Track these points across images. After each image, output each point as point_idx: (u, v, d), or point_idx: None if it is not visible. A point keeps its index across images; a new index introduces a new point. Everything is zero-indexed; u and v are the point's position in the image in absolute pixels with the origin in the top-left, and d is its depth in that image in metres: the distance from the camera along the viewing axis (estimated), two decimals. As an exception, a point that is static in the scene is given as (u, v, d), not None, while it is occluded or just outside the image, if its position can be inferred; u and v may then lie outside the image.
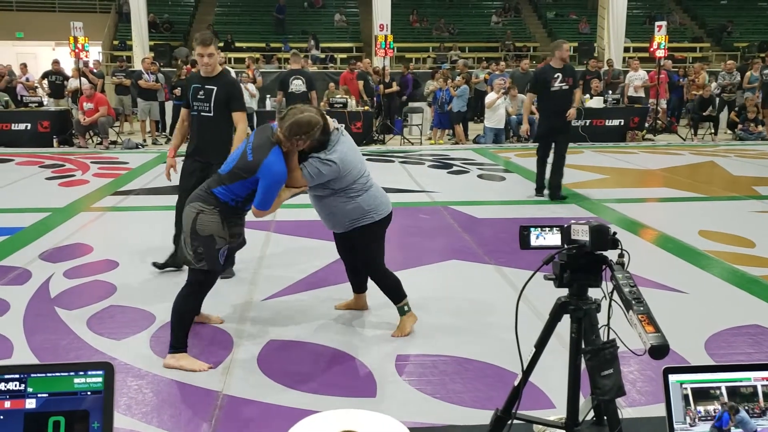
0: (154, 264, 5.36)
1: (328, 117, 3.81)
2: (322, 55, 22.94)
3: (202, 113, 4.99)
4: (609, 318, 1.99)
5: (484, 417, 2.97)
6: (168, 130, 14.45)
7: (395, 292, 4.14)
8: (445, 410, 3.23)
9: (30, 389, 1.39)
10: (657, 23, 15.73)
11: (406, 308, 4.13)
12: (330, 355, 3.85)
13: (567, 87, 8.07)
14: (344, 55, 23.07)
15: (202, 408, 3.24)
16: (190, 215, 3.65)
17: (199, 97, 4.98)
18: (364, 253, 4.13)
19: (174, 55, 21.21)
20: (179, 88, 13.40)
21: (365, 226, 3.95)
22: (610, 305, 1.94)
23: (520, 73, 15.32)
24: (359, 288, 4.47)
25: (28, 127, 13.20)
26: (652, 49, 15.40)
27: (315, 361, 3.79)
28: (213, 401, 3.30)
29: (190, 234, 3.64)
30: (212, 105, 4.96)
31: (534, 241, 2.03)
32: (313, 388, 3.43)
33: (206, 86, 4.97)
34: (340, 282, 4.85)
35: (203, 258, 3.63)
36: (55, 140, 13.21)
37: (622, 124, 14.26)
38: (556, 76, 8.03)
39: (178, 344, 3.71)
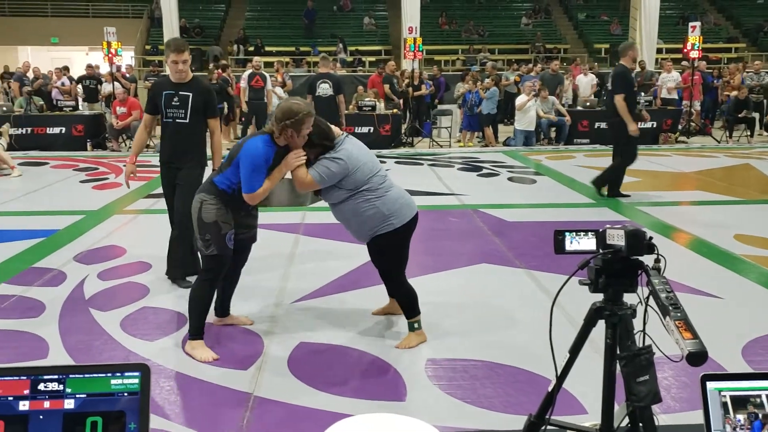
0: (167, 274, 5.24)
1: (331, 126, 3.95)
2: (350, 59, 23.01)
3: (177, 120, 4.94)
4: (645, 323, 1.96)
5: (515, 422, 2.96)
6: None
7: (410, 307, 4.02)
8: (476, 415, 3.21)
9: (68, 390, 1.40)
10: (691, 24, 15.53)
11: (416, 325, 4.01)
12: (360, 359, 3.85)
13: (636, 88, 8.02)
14: (373, 58, 23.12)
15: (233, 409, 3.26)
16: (195, 206, 3.87)
17: (173, 103, 4.92)
18: (382, 263, 4.02)
19: (207, 53, 21.44)
20: None
21: (384, 235, 3.86)
22: (645, 311, 1.92)
23: (550, 74, 15.21)
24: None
25: (63, 131, 13.42)
26: (685, 50, 15.19)
27: (345, 364, 3.80)
28: (244, 403, 3.32)
29: (197, 224, 3.85)
30: (188, 111, 4.93)
31: (568, 246, 2.01)
32: (344, 392, 3.44)
33: (180, 92, 4.91)
34: (370, 285, 4.85)
35: (211, 243, 3.81)
36: (88, 144, 13.41)
37: (654, 126, 14.08)
38: (634, 75, 7.97)
39: (195, 332, 3.89)
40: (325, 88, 10.43)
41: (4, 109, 13.78)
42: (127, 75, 16.01)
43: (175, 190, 5.05)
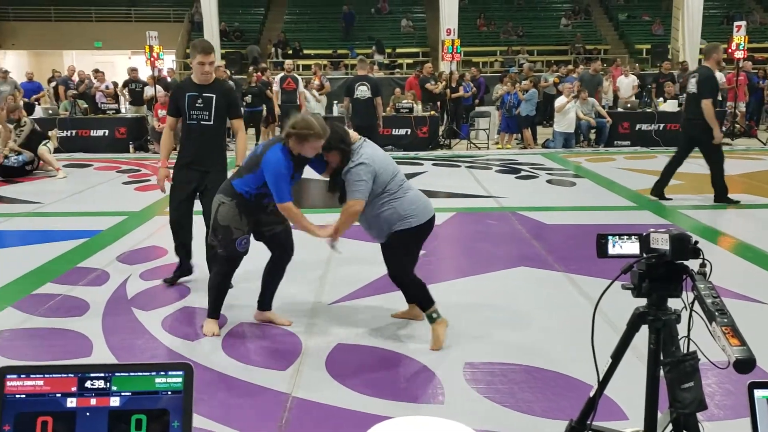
0: (165, 281, 5.26)
1: (350, 130, 4.02)
2: (386, 61, 23.03)
3: (202, 122, 4.96)
4: (689, 329, 1.93)
5: (554, 427, 2.93)
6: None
7: (424, 298, 3.99)
8: (514, 419, 3.19)
9: (114, 388, 1.43)
10: (736, 23, 15.20)
11: (434, 315, 3.95)
12: (397, 361, 3.85)
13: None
14: (410, 60, 23.13)
15: (272, 409, 3.29)
16: (214, 206, 4.07)
17: (197, 105, 4.93)
18: (394, 262, 4.01)
19: (246, 52, 21.64)
20: (249, 96, 13.69)
21: (400, 232, 3.90)
22: (690, 316, 1.88)
23: (590, 75, 15.03)
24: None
25: (106, 134, 13.70)
26: (730, 50, 14.89)
27: (383, 366, 3.80)
28: (283, 403, 3.34)
29: (212, 222, 4.09)
30: (212, 113, 4.96)
31: (611, 250, 1.98)
32: (381, 393, 3.44)
33: (204, 94, 4.93)
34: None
35: (221, 244, 4.08)
36: (131, 146, 13.65)
37: (697, 128, 13.80)
38: (718, 77, 7.84)
39: (210, 313, 4.25)
40: (363, 91, 10.46)
41: (50, 112, 14.11)
42: (169, 79, 16.25)
43: (194, 192, 5.06)
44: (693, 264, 1.93)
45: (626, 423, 2.93)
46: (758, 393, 1.56)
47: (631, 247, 1.96)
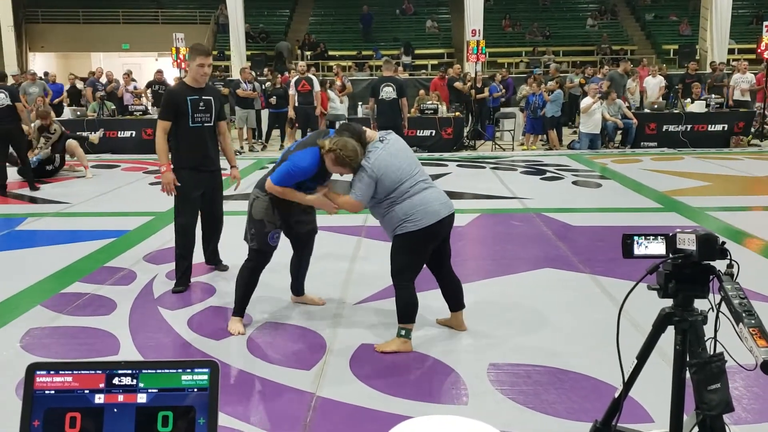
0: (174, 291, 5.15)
1: (368, 130, 3.99)
2: (411, 61, 23.02)
3: (206, 124, 5.06)
4: (716, 330, 1.90)
5: (579, 428, 2.91)
6: (264, 137, 14.84)
7: (404, 313, 3.94)
8: (539, 420, 3.18)
9: (141, 384, 1.44)
10: (765, 23, 14.98)
11: (403, 332, 3.93)
12: (422, 361, 3.85)
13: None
14: (435, 62, 23.10)
15: (296, 409, 3.30)
16: (250, 200, 4.20)
17: (200, 108, 5.00)
18: (393, 262, 3.97)
19: (276, 48, 21.77)
20: (274, 97, 13.77)
21: (399, 235, 3.89)
22: (717, 317, 1.86)
23: (618, 75, 14.89)
24: (452, 306, 4.26)
25: (133, 135, 13.83)
26: (759, 50, 14.67)
27: (407, 366, 3.80)
28: (307, 402, 3.36)
29: (247, 216, 4.21)
30: (213, 115, 5.08)
31: (637, 250, 1.97)
32: (405, 394, 3.44)
33: (203, 97, 5.02)
34: (429, 288, 4.85)
35: (254, 238, 4.17)
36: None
37: (725, 129, 13.64)
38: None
39: (236, 311, 4.31)
40: (388, 92, 10.47)
41: (78, 114, 14.29)
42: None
43: (204, 194, 5.20)
44: (720, 265, 1.91)
45: (652, 426, 2.90)
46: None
47: (657, 247, 1.95)
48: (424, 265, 4.05)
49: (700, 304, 2.01)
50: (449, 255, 4.17)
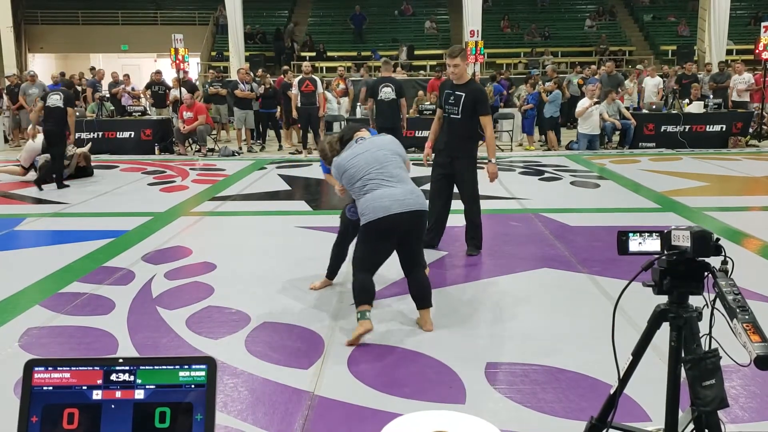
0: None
1: (363, 130, 4.49)
2: (409, 62, 23.03)
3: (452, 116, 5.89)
4: (711, 327, 1.91)
5: (576, 428, 2.91)
6: (262, 138, 14.87)
7: (357, 297, 4.10)
8: (536, 419, 3.18)
9: (139, 381, 1.45)
10: (763, 24, 15.01)
11: (359, 315, 4.04)
12: (419, 361, 3.86)
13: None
14: (434, 62, 23.11)
15: (294, 408, 3.31)
16: None
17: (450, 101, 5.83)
18: (355, 248, 4.34)
19: (284, 29, 21.86)
20: (263, 97, 13.89)
21: (361, 227, 4.23)
22: (712, 313, 1.87)
23: (606, 75, 14.87)
24: (417, 305, 4.33)
25: (132, 135, 13.84)
26: (757, 51, 14.70)
27: (404, 366, 3.81)
28: (305, 401, 3.37)
29: None
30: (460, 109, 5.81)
31: (632, 247, 1.98)
32: (403, 393, 3.45)
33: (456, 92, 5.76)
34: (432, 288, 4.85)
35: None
36: (156, 148, 13.78)
37: (723, 129, 13.66)
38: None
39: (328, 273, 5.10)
40: (387, 92, 10.49)
41: (77, 114, 14.27)
42: (194, 80, 16.41)
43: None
44: (715, 262, 1.92)
45: (649, 424, 2.91)
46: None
47: (652, 244, 1.96)
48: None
49: (695, 301, 2.02)
50: (417, 254, 4.28)
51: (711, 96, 14.63)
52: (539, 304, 4.76)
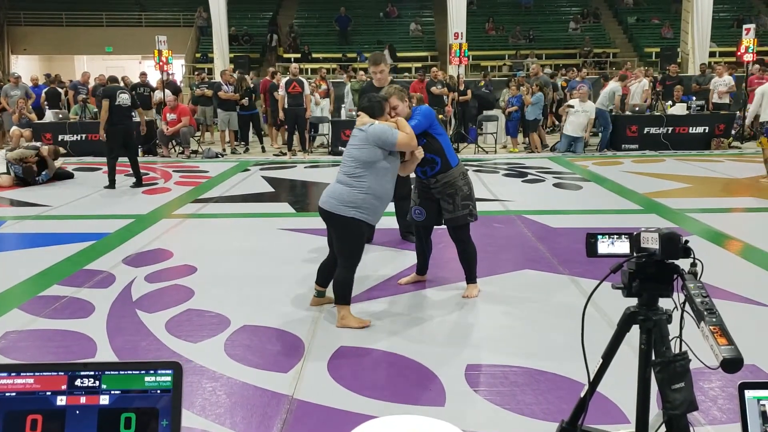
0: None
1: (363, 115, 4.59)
2: (395, 64, 23.03)
3: None
4: (681, 329, 1.92)
5: (555, 430, 2.92)
6: (246, 139, 14.81)
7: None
8: (515, 422, 3.19)
9: (104, 386, 1.44)
10: (745, 26, 15.14)
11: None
12: (400, 363, 3.85)
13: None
14: (419, 64, 23.12)
15: (272, 411, 3.29)
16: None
17: None
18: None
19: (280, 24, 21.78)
20: (246, 99, 13.84)
21: None
22: (681, 316, 1.88)
23: (576, 82, 15.02)
24: (318, 293, 4.79)
25: (116, 137, 13.70)
26: (739, 53, 14.82)
27: (384, 368, 3.80)
28: (283, 405, 3.35)
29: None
30: None
31: (601, 249, 1.98)
32: (383, 396, 3.44)
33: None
34: (411, 291, 4.86)
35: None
36: (139, 149, 13.67)
37: (706, 131, 13.76)
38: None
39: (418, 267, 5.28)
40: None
41: (60, 116, 14.18)
42: (179, 82, 16.32)
43: None
44: (685, 264, 1.93)
45: (628, 426, 2.92)
46: (749, 393, 1.56)
47: (622, 246, 1.96)
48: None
49: (665, 303, 2.02)
50: (338, 252, 4.42)
51: (693, 98, 14.67)
52: (520, 305, 4.77)
